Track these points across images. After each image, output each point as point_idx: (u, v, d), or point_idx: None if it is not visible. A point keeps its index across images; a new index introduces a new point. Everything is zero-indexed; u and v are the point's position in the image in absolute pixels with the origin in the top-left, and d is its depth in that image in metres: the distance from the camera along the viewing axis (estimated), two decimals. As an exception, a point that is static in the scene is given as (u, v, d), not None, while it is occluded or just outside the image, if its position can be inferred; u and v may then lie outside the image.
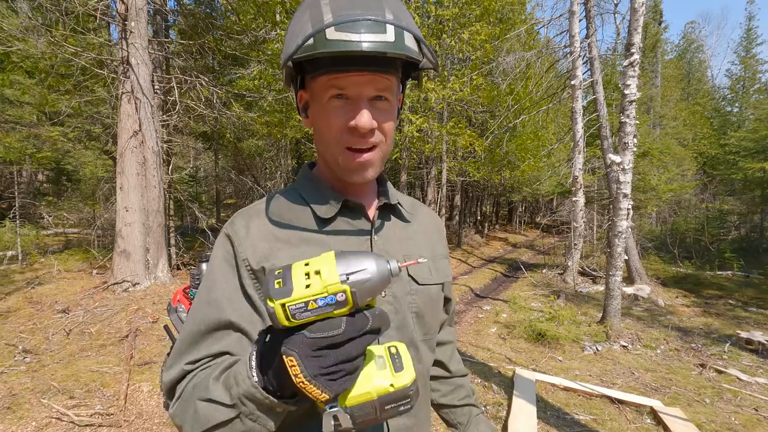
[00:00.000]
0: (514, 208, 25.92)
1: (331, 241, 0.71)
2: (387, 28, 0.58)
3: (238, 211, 0.74)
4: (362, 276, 0.46)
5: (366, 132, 0.64)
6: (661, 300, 7.42)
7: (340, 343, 0.47)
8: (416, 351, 0.74)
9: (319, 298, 0.45)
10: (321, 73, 0.63)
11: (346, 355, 0.47)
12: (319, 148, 0.72)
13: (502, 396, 3.46)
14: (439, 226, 0.91)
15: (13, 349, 3.85)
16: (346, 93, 0.63)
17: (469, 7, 10.01)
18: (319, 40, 0.57)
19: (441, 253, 0.86)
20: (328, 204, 0.72)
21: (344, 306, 0.46)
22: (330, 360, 0.46)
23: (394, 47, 0.58)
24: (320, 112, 0.66)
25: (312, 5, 0.61)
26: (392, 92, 0.66)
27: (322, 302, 0.45)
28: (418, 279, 0.76)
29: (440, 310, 0.84)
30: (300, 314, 0.45)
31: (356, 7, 0.58)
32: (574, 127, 8.34)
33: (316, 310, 0.45)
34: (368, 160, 0.66)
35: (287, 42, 0.64)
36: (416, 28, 0.62)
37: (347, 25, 0.56)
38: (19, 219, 7.35)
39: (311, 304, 0.45)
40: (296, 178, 0.81)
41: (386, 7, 0.59)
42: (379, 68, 0.61)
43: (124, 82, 5.38)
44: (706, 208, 16.20)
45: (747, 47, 21.12)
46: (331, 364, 0.46)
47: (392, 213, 0.80)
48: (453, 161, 12.71)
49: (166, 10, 6.93)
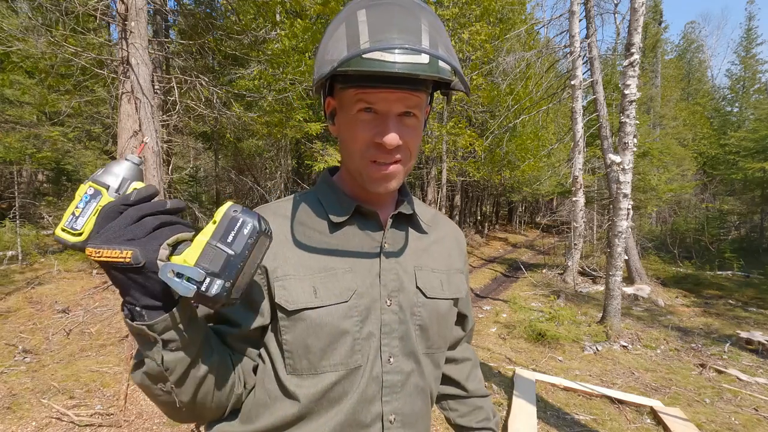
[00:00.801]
0: (514, 208, 25.92)
1: (340, 243, 0.71)
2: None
3: (259, 207, 0.76)
4: (101, 171, 0.53)
5: (392, 149, 0.64)
6: (661, 300, 7.42)
7: (114, 215, 0.50)
8: (417, 364, 0.73)
9: (78, 203, 0.51)
10: (352, 86, 0.63)
11: (128, 219, 0.50)
12: (343, 156, 0.73)
13: (502, 396, 3.46)
14: (460, 241, 0.89)
15: (13, 349, 3.85)
16: (375, 108, 0.63)
17: (469, 7, 10.01)
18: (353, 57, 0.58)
19: (457, 267, 0.84)
20: (341, 209, 0.73)
21: (99, 196, 0.51)
22: (116, 227, 0.49)
23: (428, 69, 0.58)
24: (348, 123, 0.67)
25: (348, 21, 0.60)
26: (420, 108, 0.67)
27: (81, 204, 0.51)
28: (426, 292, 0.75)
29: (450, 326, 0.82)
30: (74, 223, 0.50)
31: (393, 28, 0.57)
32: (574, 127, 8.34)
33: (85, 212, 0.50)
34: (392, 172, 0.67)
35: (320, 56, 0.63)
36: (453, 52, 0.61)
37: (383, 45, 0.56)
38: (19, 219, 7.34)
39: (75, 210, 0.50)
40: (317, 182, 0.83)
41: (423, 31, 0.58)
42: (410, 86, 0.62)
43: (124, 82, 5.36)
44: (706, 208, 16.21)
45: (747, 47, 21.11)
46: (120, 230, 0.49)
47: (408, 223, 0.79)
48: (453, 161, 12.71)
49: (166, 10, 6.92)
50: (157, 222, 0.51)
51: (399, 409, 0.70)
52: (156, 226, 0.50)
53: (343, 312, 0.67)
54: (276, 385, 0.69)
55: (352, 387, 0.67)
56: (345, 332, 0.67)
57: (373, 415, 0.68)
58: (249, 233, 0.51)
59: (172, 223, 0.52)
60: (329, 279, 0.68)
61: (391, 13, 0.59)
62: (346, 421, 0.67)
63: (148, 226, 0.50)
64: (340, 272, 0.69)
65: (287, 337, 0.67)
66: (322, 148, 9.38)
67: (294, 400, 0.66)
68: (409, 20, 0.58)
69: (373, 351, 0.69)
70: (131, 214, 0.50)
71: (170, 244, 0.50)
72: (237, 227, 0.51)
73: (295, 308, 0.66)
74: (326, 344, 0.66)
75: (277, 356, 0.69)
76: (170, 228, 0.52)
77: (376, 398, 0.68)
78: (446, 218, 0.92)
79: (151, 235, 0.50)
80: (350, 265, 0.70)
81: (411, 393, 0.72)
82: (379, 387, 0.69)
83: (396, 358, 0.70)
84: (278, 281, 0.67)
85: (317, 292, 0.67)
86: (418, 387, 0.73)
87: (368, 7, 0.60)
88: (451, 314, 0.81)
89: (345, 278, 0.69)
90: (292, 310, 0.66)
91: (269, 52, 7.00)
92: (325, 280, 0.68)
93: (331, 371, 0.66)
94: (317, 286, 0.67)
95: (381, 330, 0.69)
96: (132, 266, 0.48)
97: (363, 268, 0.71)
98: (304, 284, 0.67)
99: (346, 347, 0.67)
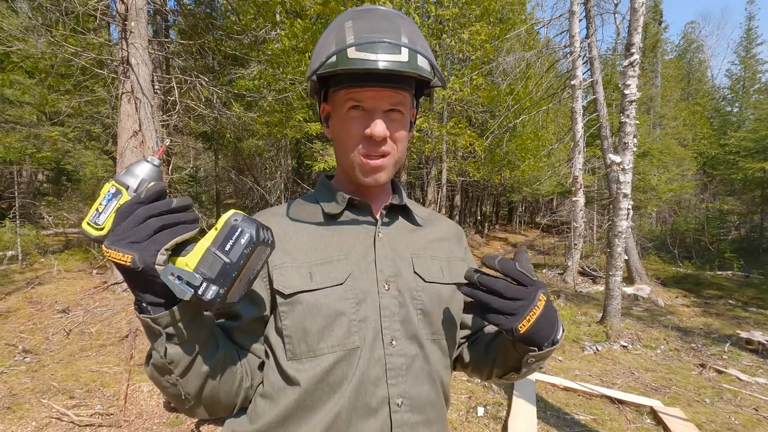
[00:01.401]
0: (514, 208, 25.93)
1: (335, 234, 0.76)
2: (402, 50, 0.64)
3: (261, 211, 0.82)
4: (124, 172, 0.56)
5: (380, 140, 0.70)
6: (661, 300, 7.42)
7: (128, 214, 0.53)
8: (421, 348, 0.73)
9: (102, 200, 0.54)
10: (342, 87, 0.70)
11: (135, 220, 0.53)
12: (337, 154, 0.78)
13: (502, 396, 3.46)
14: (459, 234, 0.92)
15: (13, 349, 3.85)
16: (364, 105, 0.70)
17: (469, 7, 10.02)
18: (341, 58, 0.64)
19: (458, 255, 0.86)
20: (335, 202, 0.79)
21: (120, 195, 0.55)
22: (125, 228, 0.52)
23: (407, 66, 0.65)
24: (340, 122, 0.73)
25: (337, 28, 0.69)
26: (405, 106, 0.73)
27: (104, 202, 0.54)
28: (424, 276, 0.76)
29: (456, 312, 0.81)
30: (97, 218, 0.54)
31: (376, 31, 0.65)
32: (574, 127, 8.34)
33: (107, 209, 0.54)
34: (381, 165, 0.73)
35: (313, 59, 0.71)
36: (429, 51, 0.70)
37: (366, 45, 0.63)
38: (19, 219, 7.34)
39: (99, 207, 0.54)
40: (316, 184, 0.88)
41: (402, 32, 0.66)
42: (393, 84, 0.69)
43: (124, 82, 5.38)
44: (706, 208, 16.22)
45: (747, 47, 21.12)
46: (127, 231, 0.52)
47: (402, 215, 0.84)
48: (453, 161, 12.71)
49: (166, 10, 6.93)
50: (159, 224, 0.53)
51: (406, 392, 0.70)
52: (158, 228, 0.53)
53: (339, 294, 0.69)
54: (279, 376, 0.70)
55: (351, 369, 0.68)
56: (341, 313, 0.69)
57: (379, 398, 0.68)
58: (246, 243, 0.53)
59: (175, 223, 0.55)
60: (325, 265, 0.71)
61: (375, 20, 0.68)
62: (351, 405, 0.67)
63: (150, 228, 0.53)
64: (335, 259, 0.72)
65: (286, 322, 0.70)
66: (322, 148, 9.39)
67: (296, 386, 0.68)
68: (390, 25, 0.67)
69: (371, 333, 0.69)
70: (139, 214, 0.53)
71: (168, 249, 0.53)
72: (235, 236, 0.53)
73: (292, 291, 0.69)
74: (323, 326, 0.68)
75: (278, 345, 0.71)
76: (171, 231, 0.54)
77: (381, 381, 0.69)
78: (444, 217, 0.93)
79: (151, 239, 0.53)
80: (345, 252, 0.73)
81: (417, 377, 0.72)
82: (383, 369, 0.69)
83: (399, 341, 0.71)
84: (276, 269, 0.71)
85: (313, 277, 0.70)
86: (424, 371, 0.73)
87: (354, 18, 0.69)
88: (455, 300, 0.80)
89: (340, 264, 0.72)
90: (288, 293, 0.69)
91: (269, 52, 7.00)
92: (321, 267, 0.71)
93: (329, 352, 0.68)
94: (313, 271, 0.71)
95: (381, 313, 0.71)
96: (132, 269, 0.52)
97: (358, 256, 0.74)
98: (300, 271, 0.71)
99: (342, 328, 0.69)
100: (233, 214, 0.55)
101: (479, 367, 0.86)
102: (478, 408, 3.21)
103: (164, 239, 0.53)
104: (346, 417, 0.67)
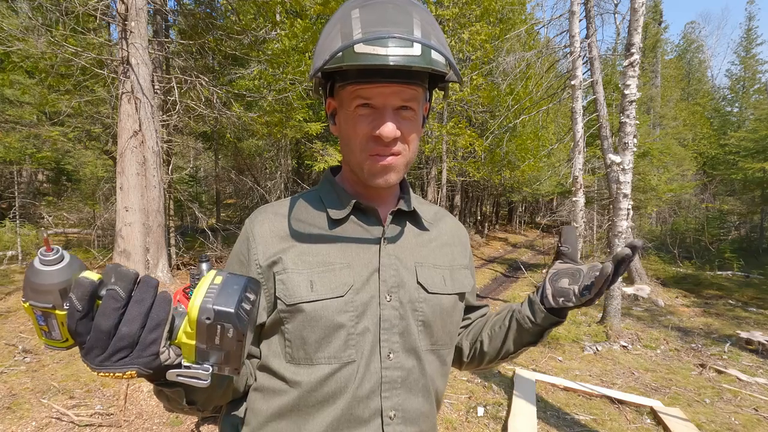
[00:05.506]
0: (514, 208, 25.91)
1: (338, 239, 0.73)
2: (414, 43, 0.58)
3: (260, 207, 0.78)
4: (29, 290, 0.44)
5: (390, 141, 0.65)
6: (661, 300, 7.42)
7: (86, 332, 0.44)
8: (418, 361, 0.72)
9: (39, 321, 0.45)
10: (349, 83, 0.65)
11: (101, 336, 0.44)
12: (344, 153, 0.74)
13: (502, 396, 3.46)
14: (463, 237, 0.88)
15: (13, 349, 3.85)
16: (372, 103, 0.65)
17: (469, 7, 10.01)
18: (347, 53, 0.59)
19: (461, 263, 0.83)
20: (341, 205, 0.75)
21: (51, 315, 0.44)
22: (94, 344, 0.44)
23: (421, 61, 0.59)
24: (347, 120, 0.68)
25: (343, 19, 0.62)
26: (417, 102, 0.67)
27: (42, 322, 0.45)
28: (427, 287, 0.74)
29: (456, 322, 0.81)
30: (51, 336, 0.45)
31: (385, 23, 0.58)
32: (574, 127, 8.32)
33: (53, 327, 0.45)
34: (391, 164, 0.68)
35: (317, 53, 0.65)
36: (444, 43, 0.62)
37: (375, 39, 0.57)
38: (19, 219, 7.34)
39: (43, 327, 0.45)
40: (320, 181, 0.84)
41: (415, 23, 0.59)
42: (404, 80, 0.63)
43: (124, 82, 5.37)
44: (706, 208, 16.21)
45: (747, 47, 21.11)
46: (101, 347, 0.44)
47: (409, 220, 0.80)
48: (453, 161, 12.71)
49: (166, 10, 6.92)
50: (136, 327, 0.45)
51: (399, 405, 0.70)
52: (137, 333, 0.45)
53: (339, 307, 0.68)
54: (276, 376, 0.71)
55: (347, 382, 0.67)
56: (340, 326, 0.67)
57: (372, 411, 0.68)
58: (234, 335, 0.47)
59: (144, 312, 0.46)
60: (326, 273, 0.69)
61: (384, 9, 0.60)
62: (343, 416, 0.67)
63: (127, 338, 0.44)
64: (337, 267, 0.70)
65: (288, 326, 0.69)
66: (322, 148, 9.38)
67: (291, 388, 0.68)
68: (401, 15, 0.60)
69: (368, 346, 0.69)
70: (102, 327, 0.43)
71: (165, 340, 0.48)
72: (219, 333, 0.47)
73: (293, 302, 0.67)
74: (321, 337, 0.67)
75: (277, 346, 0.71)
76: (153, 329, 0.46)
77: (375, 393, 0.68)
78: (449, 215, 0.91)
79: (139, 345, 0.45)
80: (348, 260, 0.71)
81: (412, 389, 0.71)
82: (378, 383, 0.69)
83: (396, 354, 0.70)
84: (278, 275, 0.69)
85: (314, 286, 0.68)
86: (419, 384, 0.73)
87: (362, 6, 0.61)
88: (456, 310, 0.80)
89: (342, 273, 0.69)
90: (289, 304, 0.68)
91: (269, 52, 7.00)
92: (322, 275, 0.69)
93: (326, 363, 0.67)
94: (314, 279, 0.68)
95: (380, 326, 0.69)
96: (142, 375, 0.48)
97: (361, 264, 0.71)
98: (301, 278, 0.68)
99: (340, 341, 0.68)
100: (200, 309, 0.46)
101: (483, 354, 0.84)
102: (478, 408, 3.21)
103: (151, 339, 0.46)
104: (337, 427, 0.67)
